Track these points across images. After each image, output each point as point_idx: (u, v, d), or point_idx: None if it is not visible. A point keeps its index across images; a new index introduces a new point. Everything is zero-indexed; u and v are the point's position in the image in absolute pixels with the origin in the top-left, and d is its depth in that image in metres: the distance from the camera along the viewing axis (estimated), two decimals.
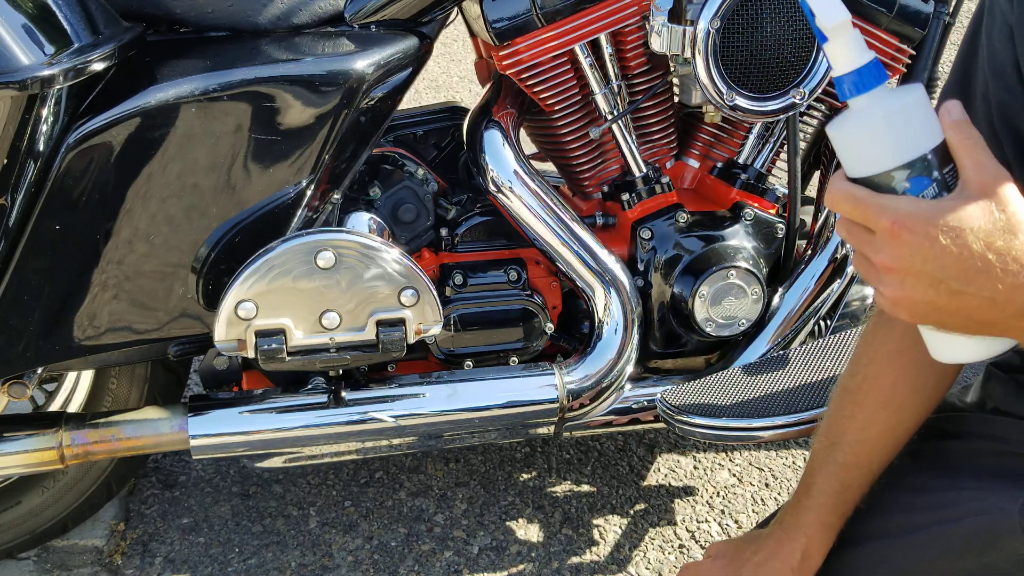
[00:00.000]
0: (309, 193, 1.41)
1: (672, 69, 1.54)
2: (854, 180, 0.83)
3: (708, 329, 1.60)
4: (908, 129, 0.81)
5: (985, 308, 0.79)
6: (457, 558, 1.76)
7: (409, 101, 1.62)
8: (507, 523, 1.84)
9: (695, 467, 1.97)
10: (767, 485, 1.93)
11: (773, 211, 1.66)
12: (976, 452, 1.04)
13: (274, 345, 1.39)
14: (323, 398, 1.51)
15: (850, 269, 1.65)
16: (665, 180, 1.62)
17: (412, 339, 1.44)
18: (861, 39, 0.83)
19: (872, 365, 1.07)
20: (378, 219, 1.56)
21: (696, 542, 1.80)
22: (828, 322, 1.72)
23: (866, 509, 1.09)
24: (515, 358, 1.63)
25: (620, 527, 1.83)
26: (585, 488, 1.91)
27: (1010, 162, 0.88)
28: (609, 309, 1.56)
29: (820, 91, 1.53)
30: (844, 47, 0.82)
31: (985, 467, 1.02)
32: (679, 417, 1.53)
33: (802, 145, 1.72)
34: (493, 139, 1.53)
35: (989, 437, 1.04)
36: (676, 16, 1.48)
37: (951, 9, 1.64)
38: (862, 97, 0.82)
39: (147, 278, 1.39)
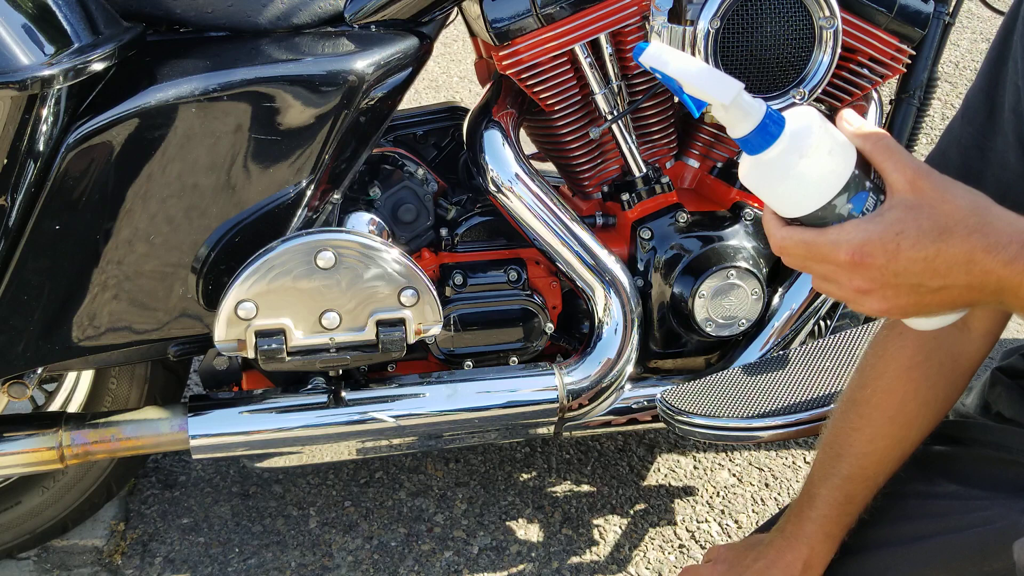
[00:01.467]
0: (309, 193, 1.41)
1: None
2: (794, 220, 0.85)
3: (708, 329, 1.60)
4: (830, 157, 0.82)
5: (965, 294, 0.82)
6: (457, 558, 1.76)
7: (409, 101, 1.62)
8: (507, 523, 1.84)
9: (695, 467, 1.97)
10: (767, 485, 1.93)
11: None
12: (981, 460, 1.04)
13: (274, 345, 1.39)
14: (323, 398, 1.51)
15: None
16: (665, 180, 1.62)
17: (412, 339, 1.44)
18: (749, 96, 0.83)
19: (882, 379, 1.06)
20: (378, 219, 1.56)
21: (696, 542, 1.80)
22: (828, 322, 1.72)
23: (869, 517, 1.08)
24: (515, 358, 1.63)
25: (620, 527, 1.83)
26: (585, 488, 1.91)
27: None
28: (609, 309, 1.56)
29: (820, 91, 1.53)
30: (742, 111, 0.82)
31: (990, 476, 1.01)
32: (679, 417, 1.53)
33: None
34: (493, 139, 1.53)
35: (994, 445, 1.03)
36: (676, 16, 1.48)
37: (951, 9, 1.64)
38: (777, 143, 0.82)
39: (147, 278, 1.39)
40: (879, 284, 0.81)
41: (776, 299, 1.65)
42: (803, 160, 0.81)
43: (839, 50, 1.50)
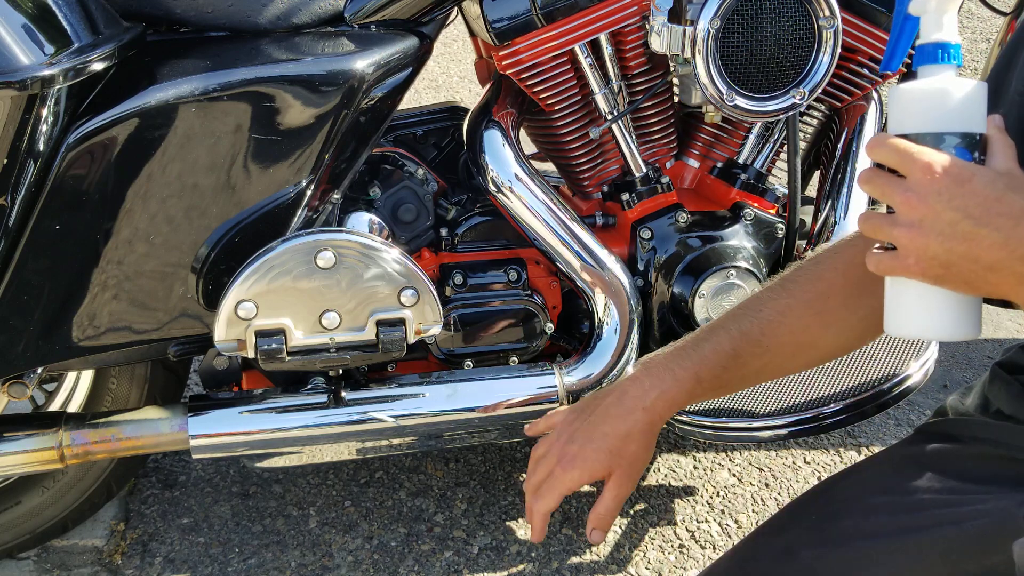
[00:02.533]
0: (309, 193, 1.41)
1: (672, 69, 1.54)
2: (904, 136, 0.89)
3: None
4: (975, 106, 0.88)
5: (995, 249, 0.82)
6: (457, 558, 1.76)
7: (409, 101, 1.62)
8: (507, 523, 1.84)
9: (695, 467, 1.97)
10: (767, 485, 1.93)
11: (773, 211, 1.66)
12: (979, 457, 1.04)
13: (274, 345, 1.39)
14: (323, 398, 1.51)
15: None
16: (665, 180, 1.62)
17: (412, 339, 1.44)
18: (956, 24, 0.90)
19: (818, 266, 1.07)
20: (378, 219, 1.56)
21: (696, 542, 1.80)
22: None
23: (866, 509, 1.07)
24: (515, 358, 1.63)
25: (620, 527, 1.83)
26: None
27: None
28: (609, 309, 1.56)
29: (820, 91, 1.53)
30: (949, 19, 0.89)
31: (988, 472, 1.01)
32: (679, 417, 1.53)
33: (802, 145, 1.72)
34: (493, 139, 1.53)
35: (992, 442, 1.03)
36: (676, 16, 1.48)
37: None
38: (943, 67, 0.89)
39: (147, 278, 1.39)
40: (929, 202, 0.83)
41: None
42: (963, 87, 0.87)
43: (839, 50, 1.50)
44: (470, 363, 1.62)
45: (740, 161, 1.67)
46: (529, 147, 1.78)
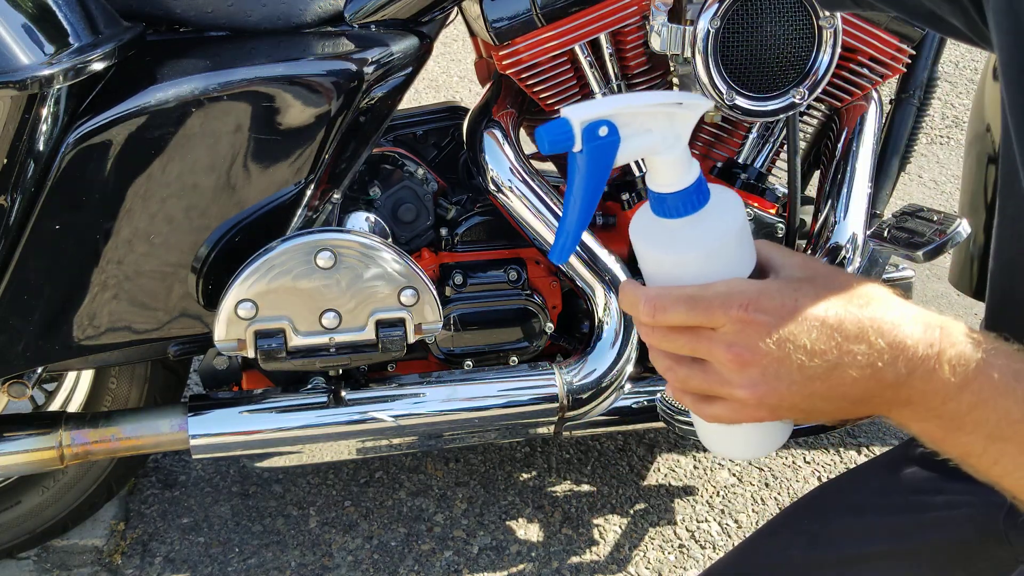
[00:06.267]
0: (309, 193, 1.41)
1: (672, 69, 1.54)
2: None
3: None
4: (742, 240, 0.74)
5: (862, 382, 0.67)
6: (457, 558, 1.76)
7: (409, 101, 1.62)
8: (507, 523, 1.84)
9: (695, 467, 1.97)
10: (767, 485, 1.93)
11: (773, 211, 1.66)
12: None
13: (274, 345, 1.39)
14: (323, 398, 1.51)
15: (849, 270, 1.65)
16: None
17: (412, 339, 1.44)
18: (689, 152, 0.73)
19: None
20: (378, 219, 1.56)
21: (696, 542, 1.80)
22: None
23: (856, 511, 1.07)
24: (515, 358, 1.63)
25: (620, 527, 1.83)
26: (585, 488, 1.91)
27: None
28: (609, 309, 1.56)
29: (820, 91, 1.53)
30: (684, 162, 0.72)
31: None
32: (679, 417, 1.53)
33: (802, 145, 1.72)
34: (493, 139, 1.53)
35: None
36: (676, 16, 1.48)
37: None
38: (694, 215, 0.73)
39: (147, 278, 1.39)
40: (763, 352, 0.66)
41: None
42: (738, 233, 0.73)
43: (839, 50, 1.50)
44: (470, 363, 1.62)
45: (740, 161, 1.67)
46: (529, 147, 1.78)
